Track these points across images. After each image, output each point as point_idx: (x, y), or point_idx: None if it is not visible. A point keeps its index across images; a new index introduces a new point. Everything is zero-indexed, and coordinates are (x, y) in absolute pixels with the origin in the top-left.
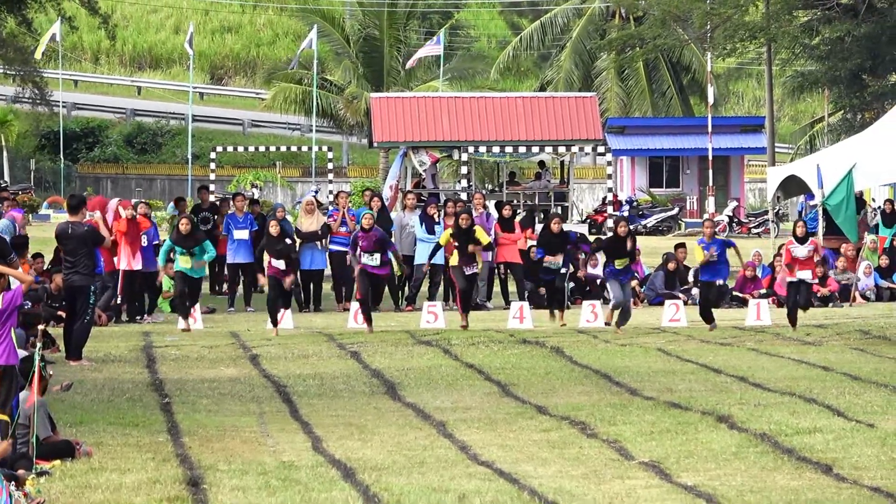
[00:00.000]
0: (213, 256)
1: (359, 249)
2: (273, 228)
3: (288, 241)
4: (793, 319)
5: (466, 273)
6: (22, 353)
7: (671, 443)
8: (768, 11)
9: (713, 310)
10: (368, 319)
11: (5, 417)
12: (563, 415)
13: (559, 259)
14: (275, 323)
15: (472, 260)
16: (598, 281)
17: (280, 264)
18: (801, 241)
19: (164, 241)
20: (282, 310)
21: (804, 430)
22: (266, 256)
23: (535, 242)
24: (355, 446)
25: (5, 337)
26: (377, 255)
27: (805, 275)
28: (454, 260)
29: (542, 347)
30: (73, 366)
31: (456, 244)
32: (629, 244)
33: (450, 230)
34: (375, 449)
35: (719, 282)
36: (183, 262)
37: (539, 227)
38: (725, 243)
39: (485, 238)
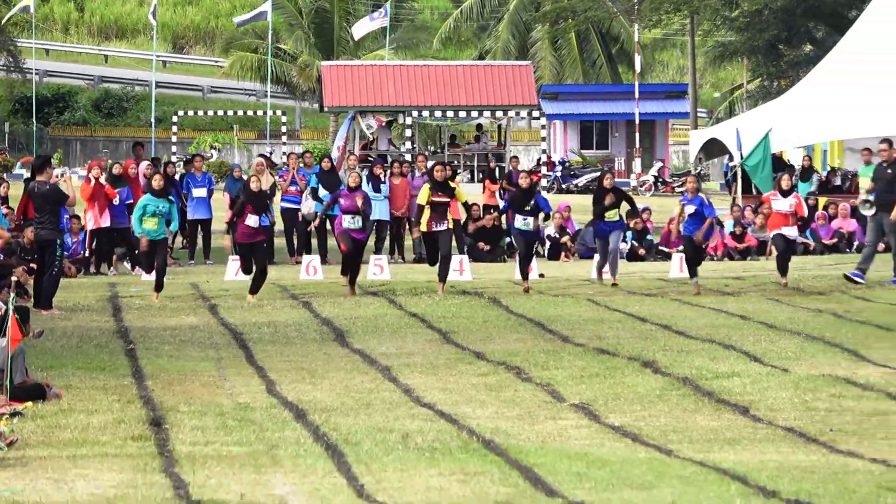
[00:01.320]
0: (176, 228)
1: (340, 212)
2: (254, 184)
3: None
4: (782, 268)
5: (436, 229)
6: None
7: (600, 386)
8: None
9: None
10: (352, 281)
11: None
12: (500, 360)
13: (530, 221)
14: (253, 290)
15: (444, 217)
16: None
17: (253, 221)
18: (785, 194)
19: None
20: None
21: (723, 374)
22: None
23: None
24: (306, 389)
25: None
26: (358, 218)
27: (790, 231)
28: (423, 224)
29: (481, 298)
30: (44, 315)
31: (433, 200)
32: (615, 196)
33: (428, 185)
34: (325, 392)
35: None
36: (149, 224)
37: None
38: (703, 202)
39: (463, 196)
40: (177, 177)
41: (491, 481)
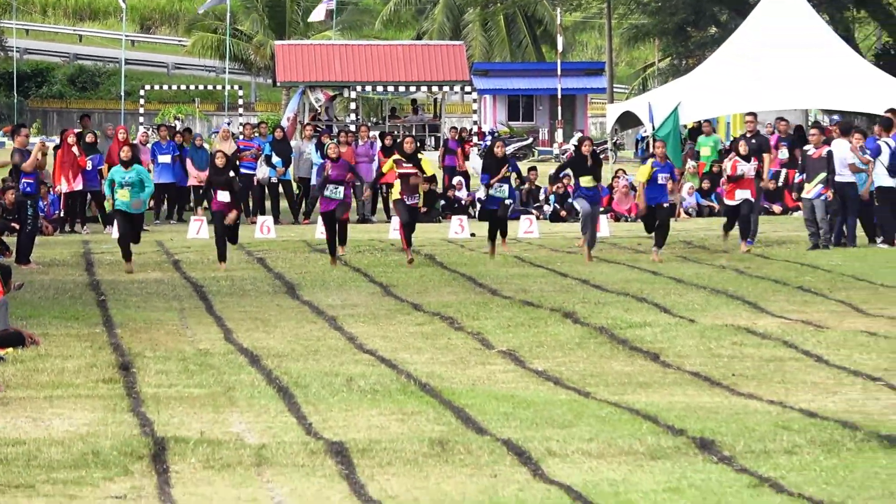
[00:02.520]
0: (151, 192)
1: (327, 181)
2: (219, 160)
3: (231, 173)
4: (727, 231)
5: (408, 203)
6: None
7: (525, 335)
8: None
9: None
10: (341, 240)
11: None
12: (435, 311)
13: (505, 188)
14: (222, 258)
15: (415, 191)
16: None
17: (225, 196)
18: (746, 159)
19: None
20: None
21: (636, 324)
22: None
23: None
24: (260, 337)
25: None
26: (340, 189)
27: (745, 194)
28: (395, 193)
29: (417, 255)
30: (24, 269)
31: (399, 171)
32: (591, 162)
33: (393, 157)
34: (277, 339)
35: (665, 203)
36: (121, 196)
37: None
38: (672, 168)
39: (429, 169)
40: (148, 145)
41: (426, 420)
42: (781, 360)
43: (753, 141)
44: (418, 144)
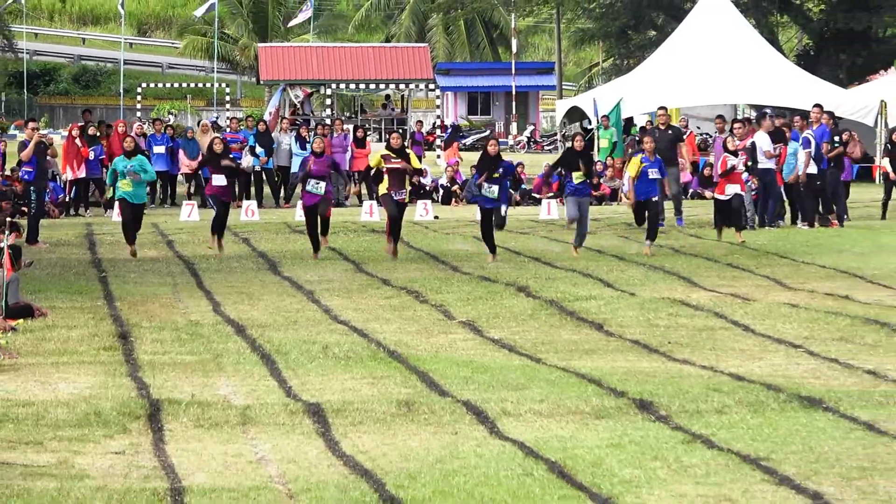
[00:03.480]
0: (153, 177)
1: (310, 176)
2: (217, 145)
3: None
4: (721, 227)
5: (395, 199)
6: None
7: (482, 307)
8: None
9: (654, 226)
10: (322, 231)
11: None
12: (402, 286)
13: (495, 189)
14: (219, 243)
15: (402, 186)
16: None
17: (221, 180)
18: (734, 153)
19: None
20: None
21: (582, 297)
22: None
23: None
24: (245, 309)
25: None
26: (322, 184)
27: (735, 188)
28: (383, 188)
29: (381, 236)
30: (33, 248)
31: (387, 167)
32: (584, 158)
33: (380, 151)
34: (260, 311)
35: (655, 198)
36: (124, 186)
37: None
38: (662, 166)
39: (417, 163)
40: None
41: (394, 384)
42: (712, 330)
43: (669, 132)
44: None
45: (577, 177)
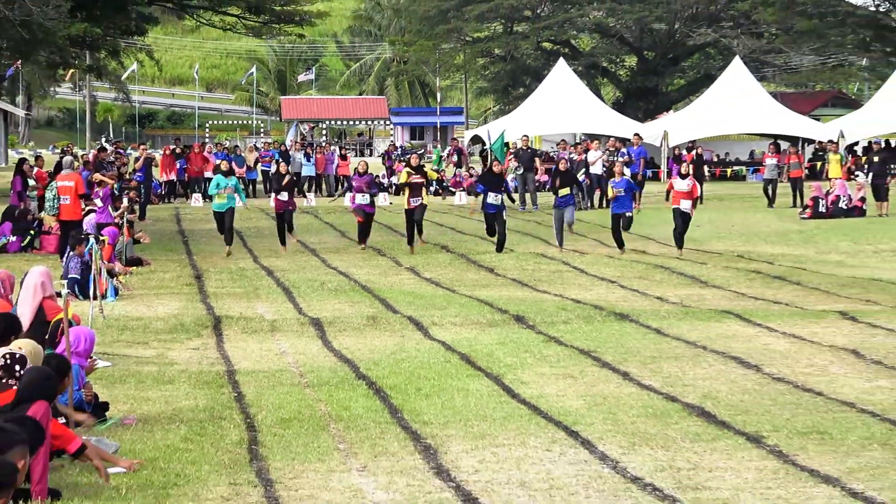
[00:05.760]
0: (244, 200)
1: (353, 191)
2: (282, 167)
3: (292, 177)
4: (678, 241)
5: (413, 205)
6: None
7: (419, 258)
8: (465, 57)
9: (622, 234)
10: (363, 240)
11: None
12: (370, 245)
13: (500, 197)
14: (283, 243)
15: (419, 194)
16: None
17: (284, 196)
18: (683, 177)
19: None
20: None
21: (480, 252)
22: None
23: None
24: (273, 260)
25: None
26: (367, 196)
27: (685, 205)
28: (405, 201)
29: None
30: (142, 223)
31: (408, 182)
32: (567, 176)
33: (407, 169)
34: (282, 261)
35: (627, 213)
36: (218, 199)
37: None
38: (630, 184)
39: (433, 175)
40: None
41: (365, 306)
42: (561, 272)
43: (529, 150)
44: (419, 159)
45: (563, 192)
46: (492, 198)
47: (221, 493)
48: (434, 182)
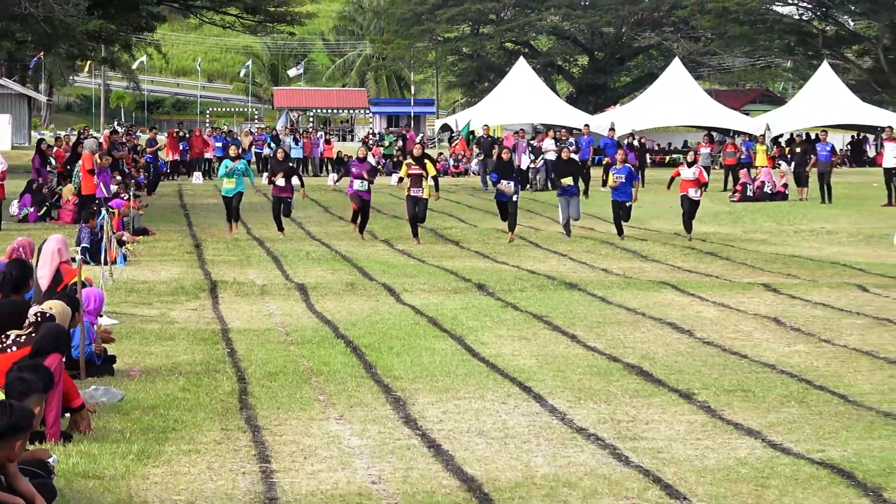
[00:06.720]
0: (251, 180)
1: (352, 176)
2: (280, 154)
3: (291, 164)
4: (687, 226)
5: (413, 194)
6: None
7: (393, 232)
8: (437, 54)
9: (623, 223)
10: (361, 229)
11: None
12: (350, 220)
13: (511, 187)
14: (280, 229)
15: (419, 184)
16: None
17: (281, 182)
18: (690, 165)
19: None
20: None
21: (448, 227)
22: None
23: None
24: (265, 231)
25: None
26: (366, 183)
27: (692, 193)
28: (406, 189)
29: (342, 195)
30: (149, 197)
31: (409, 173)
32: (570, 166)
33: (406, 161)
34: (272, 232)
35: (628, 203)
36: (227, 184)
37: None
38: (631, 172)
39: (432, 170)
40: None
41: (345, 273)
42: (518, 246)
43: (489, 138)
44: (422, 148)
45: (566, 181)
46: (504, 185)
47: (214, 438)
48: (432, 176)
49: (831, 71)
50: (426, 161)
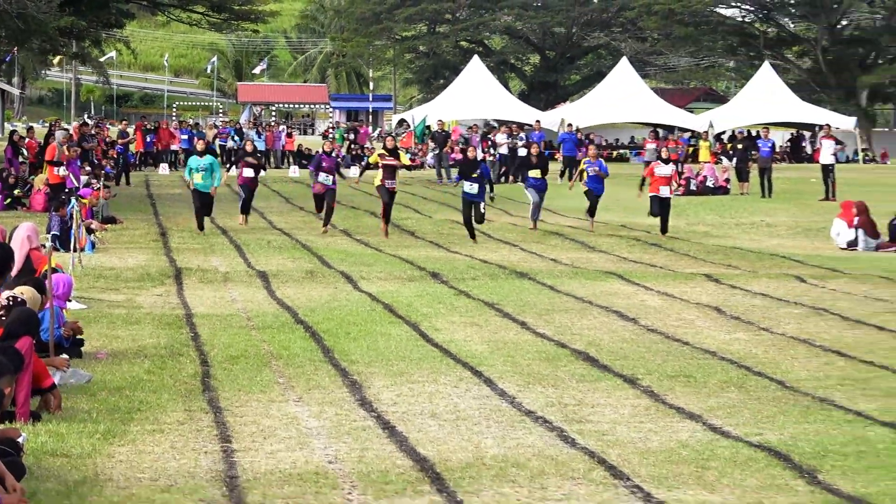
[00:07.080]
0: (220, 177)
1: (321, 170)
2: (248, 145)
3: (259, 155)
4: (663, 228)
5: (388, 187)
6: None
7: (352, 223)
8: (394, 52)
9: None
10: (325, 220)
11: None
12: (310, 211)
13: (475, 186)
14: (245, 214)
15: (393, 176)
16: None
17: (250, 173)
18: (666, 162)
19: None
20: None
21: (404, 218)
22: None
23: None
24: (229, 222)
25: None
26: (331, 177)
27: (665, 190)
28: (377, 180)
29: (307, 186)
30: (117, 188)
31: (382, 163)
32: (537, 160)
33: (378, 150)
34: (236, 223)
35: (596, 193)
36: (197, 178)
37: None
38: (602, 166)
39: (405, 160)
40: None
41: (304, 261)
42: (472, 239)
43: (443, 133)
44: (395, 140)
45: (533, 174)
46: (467, 186)
47: (178, 418)
48: (407, 168)
49: (772, 71)
50: (399, 152)
